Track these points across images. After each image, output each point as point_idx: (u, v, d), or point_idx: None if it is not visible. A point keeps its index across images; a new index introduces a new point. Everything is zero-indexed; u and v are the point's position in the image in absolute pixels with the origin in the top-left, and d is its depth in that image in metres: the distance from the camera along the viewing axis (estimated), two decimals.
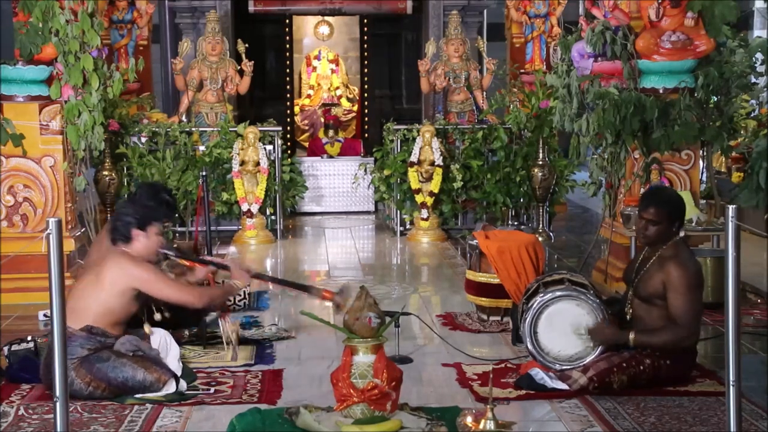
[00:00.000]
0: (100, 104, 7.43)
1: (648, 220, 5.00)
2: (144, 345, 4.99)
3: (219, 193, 9.99)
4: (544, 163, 9.93)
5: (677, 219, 5.05)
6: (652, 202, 5.04)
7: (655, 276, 4.96)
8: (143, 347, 4.96)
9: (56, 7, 7.03)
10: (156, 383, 4.84)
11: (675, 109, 7.09)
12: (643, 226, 5.03)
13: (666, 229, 5.00)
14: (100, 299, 4.90)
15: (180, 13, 13.08)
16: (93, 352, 4.83)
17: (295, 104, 14.24)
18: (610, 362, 4.89)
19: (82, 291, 4.99)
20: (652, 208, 5.00)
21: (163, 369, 4.91)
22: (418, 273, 8.75)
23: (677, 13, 7.12)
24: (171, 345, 5.11)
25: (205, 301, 5.19)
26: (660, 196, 5.16)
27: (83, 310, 4.88)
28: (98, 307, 4.89)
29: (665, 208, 5.00)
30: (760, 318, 6.46)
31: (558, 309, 5.05)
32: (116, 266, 4.96)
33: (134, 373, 4.83)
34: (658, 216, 4.98)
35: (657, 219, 4.98)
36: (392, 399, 4.15)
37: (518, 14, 12.71)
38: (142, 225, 5.07)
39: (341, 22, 14.59)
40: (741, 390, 3.60)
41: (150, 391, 4.84)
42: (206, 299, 5.20)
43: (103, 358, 4.84)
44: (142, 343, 4.99)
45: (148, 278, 4.96)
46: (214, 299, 5.30)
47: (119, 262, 4.97)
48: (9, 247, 7.03)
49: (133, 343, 4.95)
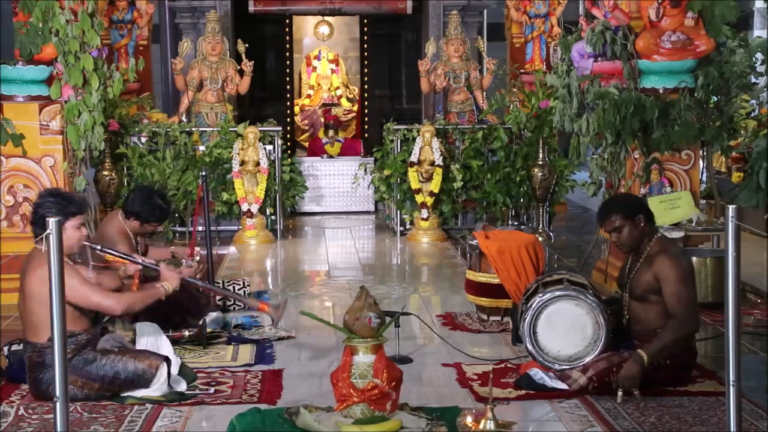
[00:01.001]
0: (100, 104, 7.43)
1: (612, 230, 5.07)
2: (127, 342, 4.98)
3: (219, 193, 9.99)
4: (544, 163, 9.94)
5: (636, 213, 5.05)
6: (603, 213, 5.13)
7: (647, 272, 4.98)
8: (126, 344, 4.96)
9: (56, 7, 7.03)
10: (149, 369, 4.80)
11: (675, 109, 7.10)
12: (615, 237, 5.10)
13: (633, 228, 5.03)
14: (37, 312, 4.70)
15: (180, 13, 13.09)
16: (75, 354, 4.77)
17: (295, 104, 14.25)
18: (609, 362, 4.89)
19: (23, 308, 4.82)
20: (606, 219, 5.08)
21: (153, 355, 4.89)
22: (418, 273, 8.75)
23: (677, 13, 7.13)
24: (161, 338, 5.11)
25: (124, 308, 4.88)
26: (608, 204, 5.27)
27: (33, 324, 4.74)
28: (44, 320, 4.60)
29: (616, 212, 5.06)
30: (760, 318, 6.46)
31: (557, 309, 5.05)
32: (34, 277, 4.72)
33: (125, 365, 4.79)
34: (615, 222, 5.04)
35: (617, 225, 5.04)
36: (392, 399, 4.15)
37: (518, 14, 12.71)
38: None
39: (341, 22, 14.59)
40: (741, 390, 3.60)
41: (144, 379, 4.79)
42: (125, 305, 4.88)
43: (90, 359, 4.80)
44: (126, 341, 4.99)
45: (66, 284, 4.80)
46: (134, 304, 4.95)
47: (35, 271, 4.72)
48: (9, 247, 7.03)
49: (117, 340, 4.94)
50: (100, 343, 4.91)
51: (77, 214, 4.86)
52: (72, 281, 4.64)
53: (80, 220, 4.88)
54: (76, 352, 4.78)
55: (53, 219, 3.43)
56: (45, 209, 4.80)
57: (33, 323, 4.77)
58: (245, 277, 7.44)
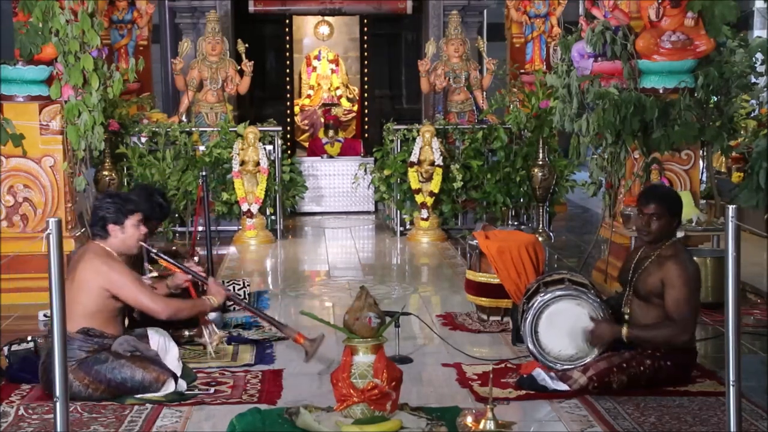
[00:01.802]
0: (100, 104, 7.43)
1: (650, 215, 5.01)
2: (141, 345, 4.97)
3: (219, 193, 9.99)
4: (544, 163, 9.94)
5: (676, 215, 5.08)
6: (652, 197, 5.07)
7: (654, 274, 4.96)
8: (141, 347, 4.95)
9: (56, 7, 7.03)
10: (155, 383, 4.83)
11: (675, 109, 7.09)
12: (645, 222, 5.03)
13: (667, 224, 5.02)
14: (81, 300, 4.82)
15: (180, 13, 13.09)
16: (91, 354, 4.82)
17: (295, 104, 14.25)
18: (610, 362, 4.89)
19: (67, 293, 4.89)
20: (653, 203, 5.02)
21: (162, 368, 4.90)
22: (418, 273, 8.75)
23: (677, 13, 7.12)
24: (170, 345, 5.09)
25: (170, 313, 5.00)
26: (659, 192, 5.22)
27: (73, 312, 4.76)
28: (84, 309, 4.82)
29: (665, 203, 5.03)
30: (760, 318, 6.46)
31: (559, 309, 5.04)
32: (88, 265, 4.86)
33: (132, 374, 4.82)
34: (659, 210, 5.00)
35: (659, 213, 5.00)
36: (392, 399, 4.15)
37: (518, 14, 12.72)
38: (118, 219, 4.93)
39: (341, 22, 14.59)
40: (741, 390, 3.60)
41: (149, 391, 4.83)
42: (171, 311, 5.00)
43: (101, 359, 4.82)
44: (140, 343, 4.98)
45: (117, 280, 4.85)
46: (180, 312, 5.09)
47: (91, 261, 4.87)
48: (9, 247, 7.03)
49: (130, 344, 4.94)
50: (114, 346, 4.91)
51: (135, 212, 4.99)
52: (124, 278, 4.86)
53: (138, 217, 5.01)
54: (95, 351, 4.82)
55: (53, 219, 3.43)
56: (104, 211, 4.94)
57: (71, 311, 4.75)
58: (245, 278, 7.43)
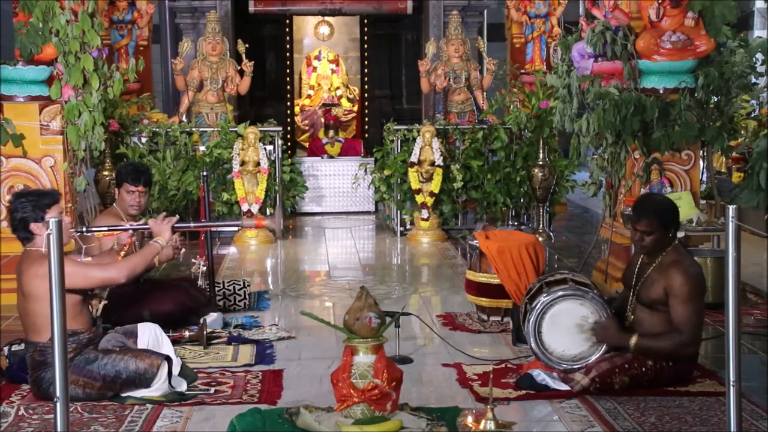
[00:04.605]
0: (101, 104, 7.43)
1: (642, 231, 4.97)
2: (129, 342, 4.97)
3: (219, 194, 9.99)
4: (545, 163, 9.94)
5: (671, 225, 5.00)
6: (644, 213, 4.98)
7: (657, 282, 4.92)
8: (128, 344, 4.95)
9: (56, 7, 7.03)
10: (150, 368, 4.79)
11: (675, 109, 7.09)
12: (639, 237, 4.99)
13: (662, 237, 4.97)
14: (40, 311, 4.60)
15: (180, 13, 13.09)
16: (77, 354, 4.77)
17: (295, 104, 14.25)
18: (612, 363, 4.89)
19: (23, 309, 4.79)
20: (644, 219, 4.95)
21: (154, 354, 4.88)
22: (418, 273, 8.75)
23: (677, 13, 7.13)
24: (162, 337, 5.10)
25: (127, 272, 4.84)
26: (650, 206, 5.06)
27: (38, 324, 4.69)
28: (46, 317, 4.38)
29: (658, 218, 4.95)
30: (760, 318, 6.46)
31: (562, 309, 5.04)
32: (29, 275, 4.69)
33: (126, 364, 4.78)
34: (651, 227, 4.94)
35: (651, 229, 4.94)
36: (392, 399, 4.15)
37: (518, 14, 12.72)
38: (38, 216, 4.74)
39: (341, 22, 14.59)
40: (741, 390, 3.59)
41: (146, 378, 4.79)
42: (127, 270, 4.85)
43: (91, 359, 4.79)
44: (127, 341, 4.98)
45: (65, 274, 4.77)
46: (136, 267, 4.91)
47: (29, 270, 4.70)
48: (9, 247, 7.02)
49: (118, 340, 4.94)
50: (102, 343, 4.91)
51: (53, 205, 4.80)
52: (68, 269, 4.50)
53: (58, 209, 4.82)
54: (77, 351, 4.78)
55: (53, 219, 3.42)
56: (20, 212, 4.75)
57: (34, 323, 4.75)
58: (245, 278, 7.43)
